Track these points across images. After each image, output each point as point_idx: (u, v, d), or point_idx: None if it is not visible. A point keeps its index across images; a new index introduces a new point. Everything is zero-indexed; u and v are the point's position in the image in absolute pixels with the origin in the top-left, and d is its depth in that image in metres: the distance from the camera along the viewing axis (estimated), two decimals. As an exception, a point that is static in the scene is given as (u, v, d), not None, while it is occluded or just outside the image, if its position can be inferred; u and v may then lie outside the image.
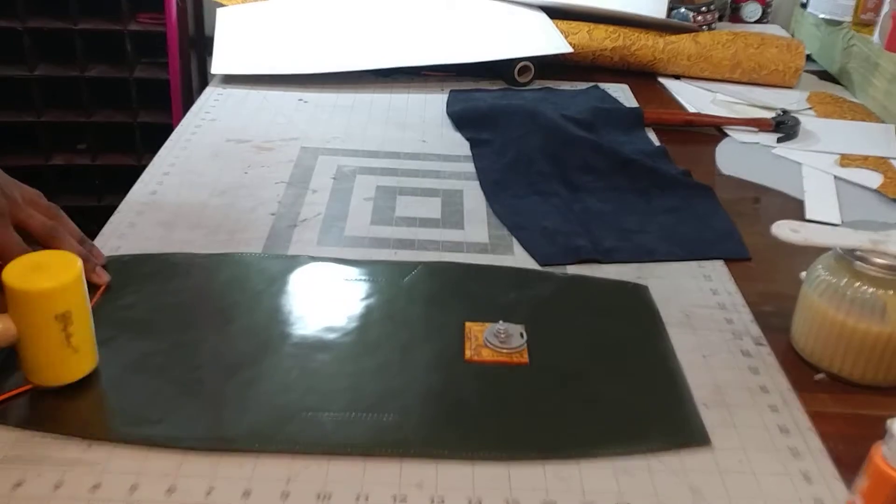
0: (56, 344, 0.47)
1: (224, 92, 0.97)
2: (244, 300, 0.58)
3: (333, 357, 0.53)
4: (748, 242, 0.70)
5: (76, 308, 0.47)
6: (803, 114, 1.00)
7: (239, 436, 0.46)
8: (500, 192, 0.76)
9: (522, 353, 0.54)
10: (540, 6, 1.13)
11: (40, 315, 0.46)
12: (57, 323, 0.47)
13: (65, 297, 0.47)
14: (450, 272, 0.63)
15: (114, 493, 0.42)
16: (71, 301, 0.47)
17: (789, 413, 0.51)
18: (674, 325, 0.59)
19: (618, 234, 0.70)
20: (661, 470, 0.46)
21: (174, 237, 0.66)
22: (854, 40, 1.13)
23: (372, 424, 0.48)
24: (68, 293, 0.47)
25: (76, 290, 0.47)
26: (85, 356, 0.49)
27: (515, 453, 0.46)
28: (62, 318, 0.47)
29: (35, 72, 1.67)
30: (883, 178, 0.85)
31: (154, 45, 1.68)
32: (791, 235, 0.55)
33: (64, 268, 0.47)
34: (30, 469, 0.43)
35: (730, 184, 0.83)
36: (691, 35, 1.11)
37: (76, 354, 0.48)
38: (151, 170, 0.78)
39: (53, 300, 0.46)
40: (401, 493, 0.43)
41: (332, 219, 0.70)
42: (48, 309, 0.46)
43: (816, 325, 0.55)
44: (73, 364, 0.49)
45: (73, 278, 0.47)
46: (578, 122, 0.87)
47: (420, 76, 1.05)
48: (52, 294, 0.46)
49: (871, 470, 0.39)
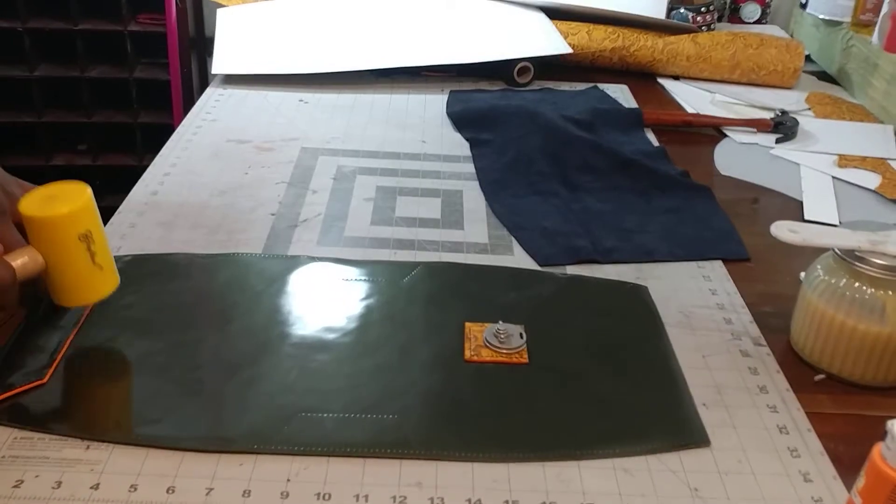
0: (83, 263, 0.50)
1: (224, 92, 0.97)
2: (244, 300, 0.58)
3: (333, 357, 0.53)
4: (747, 243, 0.70)
5: (94, 228, 0.51)
6: (802, 114, 1.00)
7: (238, 436, 0.46)
8: (499, 192, 0.76)
9: (522, 353, 0.54)
10: (539, 7, 1.13)
11: (66, 237, 0.50)
12: (81, 243, 0.50)
13: (84, 218, 0.50)
14: (449, 272, 0.63)
15: (113, 493, 0.42)
16: (89, 221, 0.50)
17: (788, 413, 0.51)
18: (673, 325, 0.59)
19: (617, 234, 0.70)
20: (660, 470, 0.46)
21: (175, 237, 0.66)
22: (853, 41, 1.13)
23: (371, 424, 0.48)
24: (86, 214, 0.50)
25: (92, 211, 0.51)
26: (109, 273, 0.53)
27: (515, 453, 0.46)
28: (85, 237, 0.50)
29: (35, 72, 1.67)
30: (881, 178, 0.85)
31: (154, 45, 1.68)
32: (790, 236, 0.55)
33: (76, 193, 0.50)
34: (29, 469, 0.43)
35: (728, 184, 0.83)
36: (690, 36, 1.11)
37: (101, 272, 0.52)
38: (152, 170, 0.78)
39: (75, 222, 0.50)
40: (400, 494, 0.43)
41: (332, 219, 0.70)
42: (72, 230, 0.49)
43: (815, 325, 0.55)
44: (101, 281, 0.52)
45: (86, 200, 0.50)
46: (578, 123, 0.87)
47: (420, 77, 1.05)
48: (73, 216, 0.49)
49: (871, 470, 0.39)
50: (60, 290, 0.51)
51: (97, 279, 0.52)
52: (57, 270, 0.50)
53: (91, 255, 0.51)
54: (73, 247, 0.50)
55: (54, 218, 0.49)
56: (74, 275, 0.51)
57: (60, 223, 0.49)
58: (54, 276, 0.50)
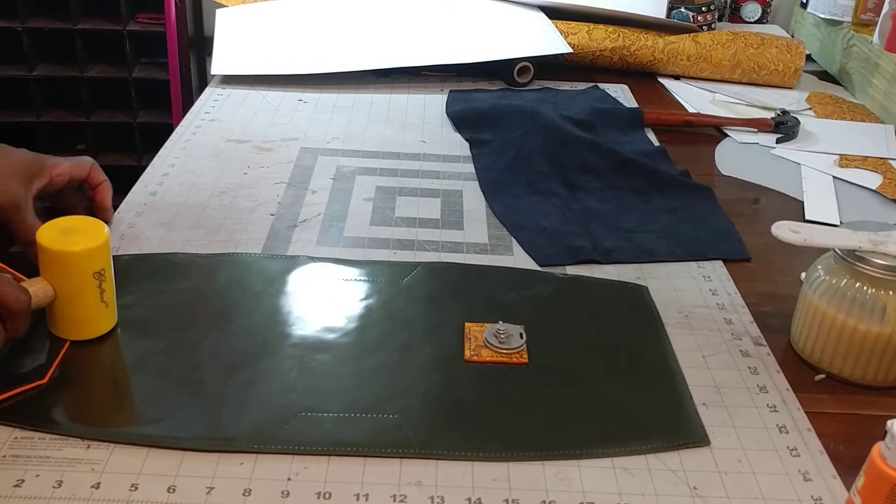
0: (93, 300, 0.51)
1: (224, 92, 0.97)
2: (244, 300, 0.58)
3: (333, 357, 0.53)
4: (747, 243, 0.70)
5: (107, 267, 0.52)
6: (803, 114, 1.00)
7: (239, 435, 0.46)
8: (499, 192, 0.76)
9: (522, 353, 0.54)
10: (539, 6, 1.13)
11: (81, 274, 0.50)
12: (94, 280, 0.51)
13: (100, 256, 0.51)
14: (449, 272, 0.63)
15: (114, 492, 0.42)
16: (104, 260, 0.51)
17: (788, 413, 0.51)
18: (673, 325, 0.59)
19: (617, 234, 0.70)
20: (660, 469, 0.46)
21: (174, 237, 0.66)
22: (854, 40, 1.13)
23: (371, 424, 0.48)
24: (102, 252, 0.51)
25: (107, 249, 0.52)
26: (112, 311, 0.54)
27: (515, 453, 0.46)
28: (98, 275, 0.51)
29: (34, 72, 1.67)
30: (882, 178, 0.85)
31: (153, 45, 1.68)
32: (791, 236, 0.55)
33: (94, 230, 0.51)
34: (30, 468, 0.43)
35: (729, 184, 0.83)
36: (691, 35, 1.11)
37: (106, 310, 0.53)
38: (151, 170, 0.78)
39: (93, 259, 0.50)
40: (400, 493, 0.43)
41: (332, 219, 0.70)
42: (88, 268, 0.50)
43: (816, 325, 0.55)
44: (105, 319, 0.53)
45: (104, 239, 0.51)
46: (578, 123, 0.87)
47: (420, 76, 1.05)
48: (90, 254, 0.50)
49: (870, 469, 0.39)
50: (64, 322, 0.52)
51: (101, 316, 0.53)
52: (66, 304, 0.51)
53: (101, 292, 0.51)
54: (86, 283, 0.51)
55: (72, 254, 0.50)
56: (82, 310, 0.52)
57: (78, 259, 0.50)
58: (62, 308, 0.51)
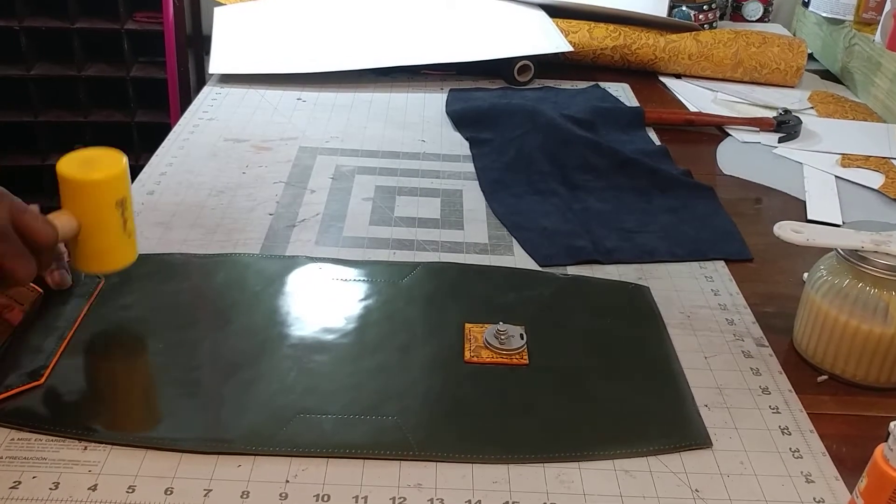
0: (117, 229, 0.50)
1: (222, 91, 0.97)
2: (242, 301, 0.58)
3: (332, 358, 0.53)
4: (749, 243, 0.70)
5: (128, 196, 0.51)
6: (805, 113, 1.00)
7: (237, 437, 0.46)
8: (499, 192, 0.76)
9: (522, 354, 0.54)
10: (540, 5, 1.13)
11: (104, 203, 0.49)
12: (117, 209, 0.50)
13: (122, 185, 0.50)
14: (449, 273, 0.63)
15: (111, 494, 0.42)
16: (125, 188, 0.50)
17: (791, 414, 0.51)
18: (675, 325, 0.58)
19: (618, 234, 0.70)
20: (662, 471, 0.46)
21: (172, 237, 0.66)
22: (856, 39, 1.13)
23: (371, 425, 0.47)
24: (123, 181, 0.50)
25: (127, 178, 0.51)
26: (134, 243, 0.53)
27: (515, 454, 0.46)
28: (121, 203, 0.50)
29: (32, 71, 1.67)
30: (884, 178, 0.85)
31: (151, 44, 1.68)
32: (793, 236, 0.54)
33: (113, 159, 0.50)
34: (27, 470, 0.43)
35: (731, 184, 0.83)
36: (692, 34, 1.11)
37: (129, 239, 0.52)
38: (149, 170, 0.77)
39: (115, 187, 0.50)
40: (399, 495, 0.43)
41: (331, 219, 0.70)
42: (110, 196, 0.50)
43: (818, 326, 0.54)
44: (128, 250, 0.52)
45: (124, 167, 0.50)
46: (578, 122, 0.87)
47: (420, 75, 1.05)
48: (113, 181, 0.49)
49: (873, 471, 0.39)
50: (88, 255, 0.51)
51: (125, 247, 0.52)
52: (90, 235, 0.50)
53: (123, 221, 0.51)
54: (110, 212, 0.50)
55: (96, 182, 0.49)
56: (106, 240, 0.50)
57: (100, 188, 0.49)
58: (86, 240, 0.50)
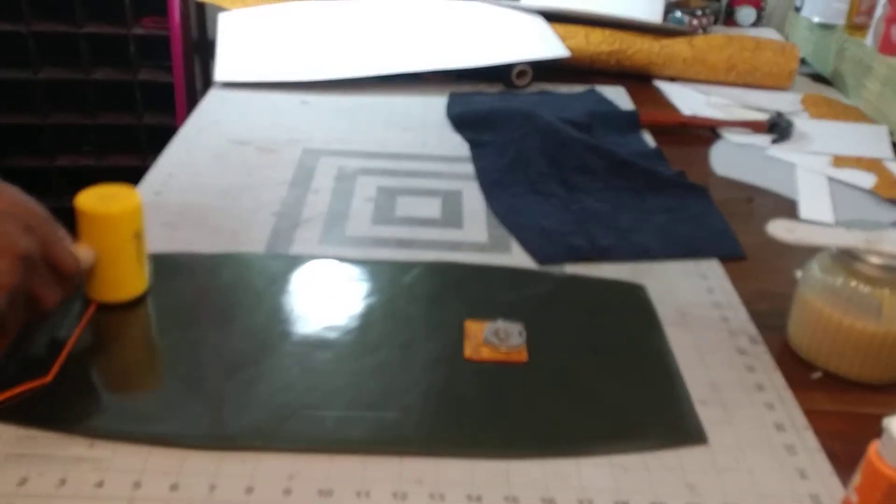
0: (132, 259, 0.55)
1: (227, 94, 0.97)
2: (246, 299, 0.59)
3: (334, 355, 0.53)
4: (743, 242, 0.71)
5: (142, 229, 0.55)
6: (797, 116, 1.01)
7: (241, 433, 0.47)
8: (498, 193, 0.77)
9: (521, 351, 0.55)
10: (537, 10, 1.14)
11: (123, 234, 0.53)
12: (134, 241, 0.54)
13: (137, 217, 0.54)
14: (449, 272, 0.64)
15: (117, 490, 0.43)
16: (140, 221, 0.55)
17: (785, 411, 0.51)
18: (670, 323, 0.59)
19: (614, 233, 0.71)
20: (657, 467, 0.47)
21: (177, 237, 0.66)
22: (847, 44, 1.14)
23: (372, 422, 0.48)
24: (138, 214, 0.54)
25: (141, 212, 0.55)
26: (145, 274, 0.57)
27: (514, 450, 0.47)
28: (137, 236, 0.54)
29: (40, 75, 1.68)
30: (876, 178, 0.86)
31: (158, 48, 1.69)
32: (786, 235, 0.55)
33: (128, 194, 0.54)
34: (33, 466, 0.44)
35: (724, 184, 0.84)
36: (687, 38, 1.12)
37: (140, 270, 0.56)
38: (155, 171, 0.78)
39: (132, 220, 0.54)
40: (401, 490, 0.44)
41: (334, 219, 0.71)
42: (128, 228, 0.53)
43: (812, 323, 0.55)
44: (140, 279, 0.56)
45: (139, 202, 0.54)
46: (576, 124, 0.88)
47: (420, 79, 1.06)
48: (130, 214, 0.53)
49: (867, 468, 0.39)
50: (103, 285, 0.54)
51: (137, 278, 0.56)
52: (107, 266, 0.53)
53: (139, 253, 0.55)
54: (127, 244, 0.53)
55: (116, 214, 0.53)
56: (123, 271, 0.54)
57: (119, 221, 0.53)
58: (102, 271, 0.53)
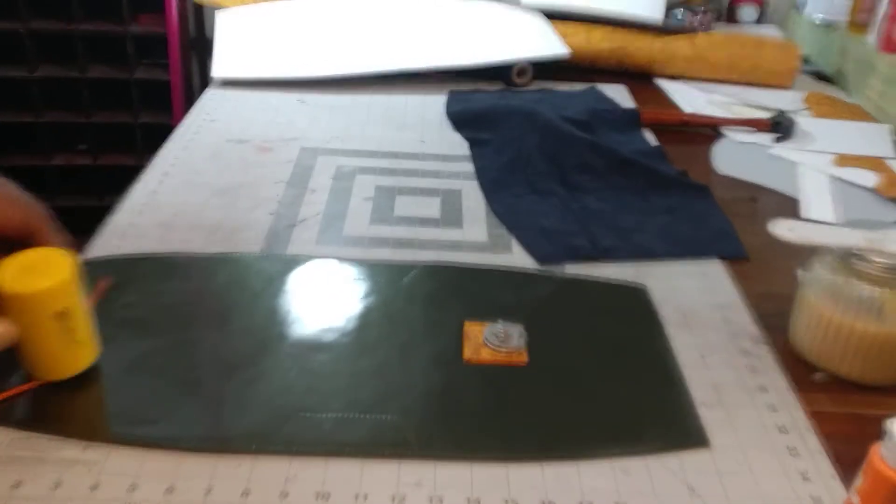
0: (57, 340, 0.47)
1: (224, 93, 0.97)
2: (243, 300, 0.58)
3: (332, 357, 0.53)
4: (745, 242, 0.71)
5: (73, 303, 0.47)
6: (800, 114, 1.00)
7: (237, 436, 0.46)
8: (498, 192, 0.76)
9: (521, 353, 0.54)
10: (538, 8, 1.13)
11: (40, 315, 0.46)
12: (55, 321, 0.47)
13: (62, 295, 0.46)
14: (449, 272, 0.63)
15: (112, 493, 0.42)
16: (68, 298, 0.47)
17: (788, 412, 0.51)
18: (672, 324, 0.59)
19: (615, 233, 0.70)
20: (659, 470, 0.46)
21: (174, 237, 0.66)
22: (850, 42, 1.13)
23: (371, 424, 0.48)
24: (65, 290, 0.47)
25: (72, 285, 0.47)
26: (89, 346, 0.50)
27: (514, 453, 0.46)
28: (61, 315, 0.47)
29: (36, 73, 1.67)
30: (878, 177, 0.86)
31: (155, 46, 1.68)
32: (789, 234, 0.55)
33: (58, 265, 0.47)
34: (28, 469, 0.43)
35: (727, 183, 0.83)
36: (688, 36, 1.12)
37: (79, 347, 0.49)
38: (151, 170, 0.78)
39: (51, 299, 0.46)
40: (399, 493, 0.44)
41: (332, 218, 0.70)
42: (46, 308, 0.46)
43: (814, 324, 0.55)
44: (79, 356, 0.49)
45: (67, 275, 0.46)
46: (576, 123, 0.88)
47: (419, 77, 1.05)
48: (48, 294, 0.46)
49: (870, 470, 0.39)
50: (33, 363, 0.48)
51: (74, 355, 0.49)
52: (30, 345, 0.47)
53: (67, 331, 0.47)
54: (48, 325, 0.46)
55: (28, 294, 0.45)
56: (48, 352, 0.48)
57: (34, 300, 0.46)
58: (26, 348, 0.47)
